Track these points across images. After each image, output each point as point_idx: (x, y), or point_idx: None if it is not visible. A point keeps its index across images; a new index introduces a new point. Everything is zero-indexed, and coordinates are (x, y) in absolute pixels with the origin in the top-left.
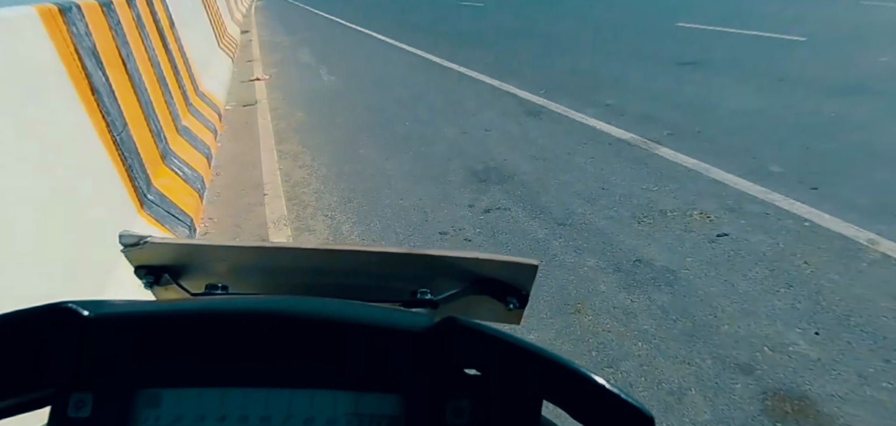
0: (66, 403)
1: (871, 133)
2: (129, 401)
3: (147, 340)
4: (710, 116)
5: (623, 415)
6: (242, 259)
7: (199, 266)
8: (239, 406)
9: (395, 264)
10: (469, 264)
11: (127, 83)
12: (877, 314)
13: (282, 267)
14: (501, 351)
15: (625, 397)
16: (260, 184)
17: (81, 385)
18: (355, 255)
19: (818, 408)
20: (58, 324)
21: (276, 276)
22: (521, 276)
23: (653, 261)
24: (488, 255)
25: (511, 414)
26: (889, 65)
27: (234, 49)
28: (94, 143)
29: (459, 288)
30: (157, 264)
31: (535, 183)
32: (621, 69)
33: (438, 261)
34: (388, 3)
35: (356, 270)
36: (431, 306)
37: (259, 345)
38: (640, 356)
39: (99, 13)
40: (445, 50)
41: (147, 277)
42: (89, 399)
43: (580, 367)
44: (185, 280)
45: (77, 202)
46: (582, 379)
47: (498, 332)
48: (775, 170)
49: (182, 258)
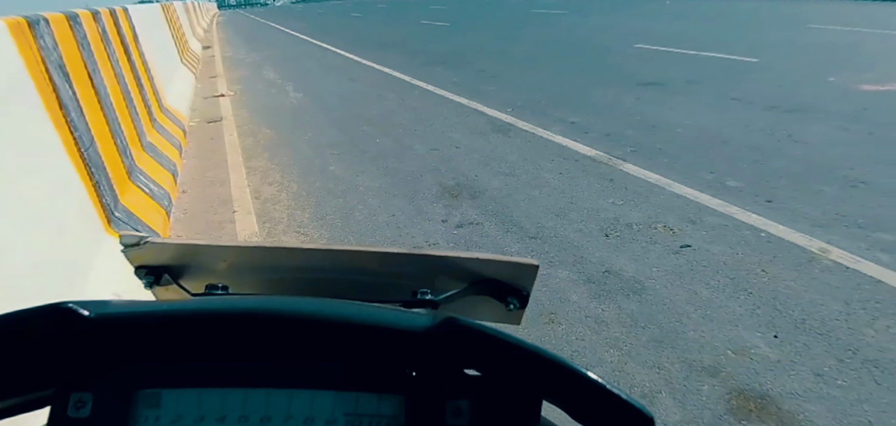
0: (66, 403)
1: (820, 149)
2: (129, 401)
3: (147, 340)
4: (670, 134)
5: (623, 415)
6: (242, 259)
7: (199, 266)
8: (239, 406)
9: (395, 264)
10: (469, 264)
11: (93, 98)
12: (830, 317)
13: (282, 267)
14: (501, 351)
15: (625, 397)
16: (229, 200)
17: (81, 385)
18: (355, 255)
19: (779, 406)
20: (58, 325)
21: (276, 276)
22: (521, 277)
23: (621, 271)
24: (489, 256)
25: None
26: (836, 85)
27: (196, 65)
28: (62, 159)
29: (460, 288)
30: (157, 264)
31: (505, 198)
32: (584, 89)
33: (439, 261)
34: (351, 22)
35: (356, 270)
36: (432, 306)
37: (259, 346)
38: (612, 362)
39: (66, 27)
40: (412, 68)
41: (147, 277)
42: (89, 399)
43: (580, 368)
44: (185, 280)
45: (44, 218)
46: (582, 379)
47: (498, 333)
48: (732, 184)
49: (182, 258)
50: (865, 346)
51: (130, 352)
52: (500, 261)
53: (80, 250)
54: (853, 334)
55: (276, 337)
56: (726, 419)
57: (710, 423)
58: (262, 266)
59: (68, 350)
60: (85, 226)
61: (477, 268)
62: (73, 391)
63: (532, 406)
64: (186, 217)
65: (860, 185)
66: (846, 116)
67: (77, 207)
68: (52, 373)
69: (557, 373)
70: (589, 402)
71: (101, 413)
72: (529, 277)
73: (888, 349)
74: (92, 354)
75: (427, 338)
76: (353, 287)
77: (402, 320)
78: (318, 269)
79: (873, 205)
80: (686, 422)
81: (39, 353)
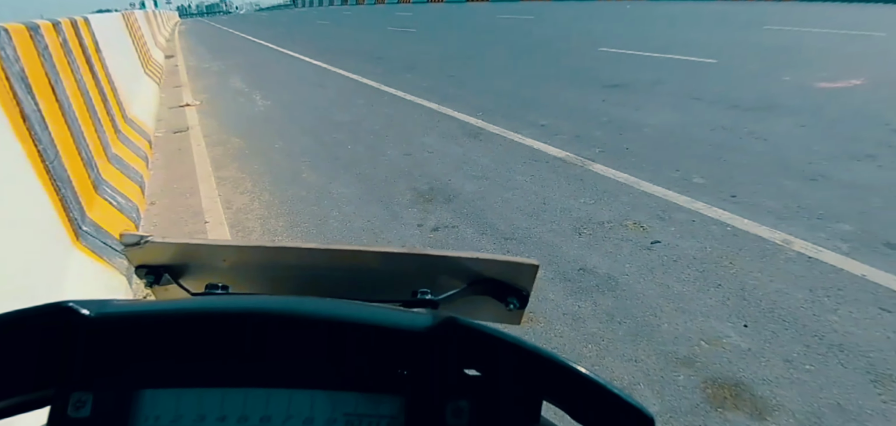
0: (65, 403)
1: (780, 145)
2: (129, 401)
3: (147, 340)
4: (637, 134)
5: (623, 415)
6: (242, 259)
7: (199, 266)
8: (239, 406)
9: (395, 264)
10: (469, 264)
11: (57, 110)
12: (795, 305)
13: (282, 266)
14: (501, 351)
15: (625, 398)
16: (199, 211)
17: (81, 384)
18: (355, 255)
19: (752, 392)
20: (58, 324)
21: (276, 276)
22: (521, 277)
23: (595, 269)
24: (489, 255)
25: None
26: (792, 83)
27: (159, 74)
28: (26, 173)
29: (459, 288)
30: (158, 264)
31: (479, 201)
32: (552, 92)
33: (438, 261)
34: (318, 30)
35: (356, 270)
36: (431, 306)
37: (259, 345)
38: (591, 357)
39: (26, 37)
40: (381, 75)
41: (147, 277)
42: (89, 399)
43: (580, 368)
44: (185, 280)
45: (9, 234)
46: (582, 379)
47: (498, 333)
48: (698, 181)
49: (182, 258)
50: (830, 332)
51: (131, 351)
52: (499, 261)
53: (48, 266)
54: (818, 321)
55: (277, 336)
56: (703, 407)
57: (688, 412)
58: (262, 265)
59: (68, 349)
60: (52, 242)
61: (477, 267)
62: (73, 391)
63: (532, 406)
64: (157, 230)
65: (819, 179)
66: (804, 113)
67: (43, 222)
68: (52, 372)
69: (557, 374)
70: (589, 402)
71: (100, 412)
72: (529, 277)
73: (852, 333)
74: (92, 354)
75: (427, 338)
76: (353, 286)
77: (402, 320)
78: (317, 269)
79: (832, 197)
80: (665, 412)
81: (39, 353)
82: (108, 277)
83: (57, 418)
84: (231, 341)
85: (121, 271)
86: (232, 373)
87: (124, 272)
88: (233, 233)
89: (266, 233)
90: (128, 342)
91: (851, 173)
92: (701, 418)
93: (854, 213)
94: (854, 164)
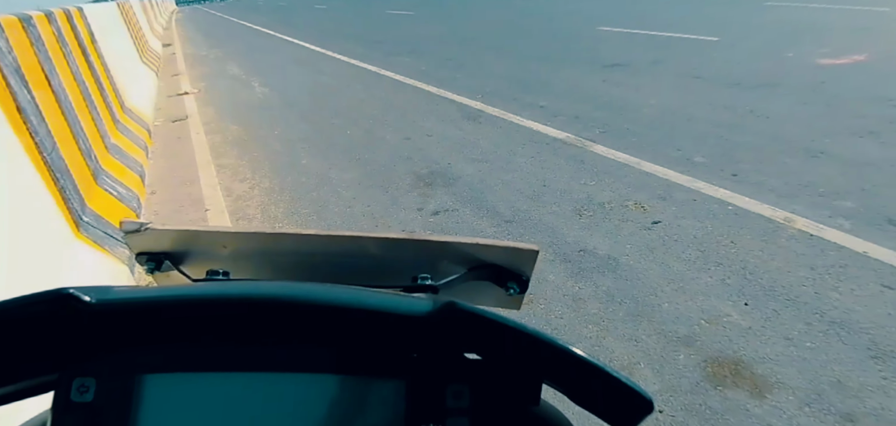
0: (69, 388)
1: (780, 124)
2: (132, 386)
3: (149, 326)
4: (637, 114)
5: (622, 398)
6: (243, 245)
7: (200, 252)
8: (240, 390)
9: (395, 249)
10: (469, 249)
11: (52, 101)
12: (797, 283)
13: (282, 252)
14: (501, 335)
15: (624, 380)
16: (200, 199)
17: (84, 370)
18: (356, 241)
19: (753, 371)
20: (61, 310)
21: (276, 262)
22: (521, 262)
23: (596, 250)
24: (489, 241)
25: (511, 398)
26: (794, 60)
27: (157, 63)
28: (24, 165)
29: (460, 273)
30: (159, 250)
31: (479, 184)
32: (551, 73)
33: (439, 247)
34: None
35: (357, 255)
36: (432, 291)
37: (260, 331)
38: (591, 338)
39: (19, 29)
40: (379, 58)
41: (148, 264)
42: (92, 384)
43: (580, 351)
44: (186, 266)
45: (9, 227)
46: (581, 362)
47: (498, 317)
48: (699, 160)
49: (183, 244)
50: (831, 309)
51: (133, 337)
52: (499, 247)
53: (50, 256)
54: (819, 298)
55: (277, 322)
56: (703, 386)
57: (688, 391)
58: (262, 251)
59: (71, 335)
60: (53, 233)
61: (477, 253)
62: (77, 376)
63: (532, 389)
64: (158, 218)
65: (820, 156)
66: (805, 90)
67: (43, 213)
68: (56, 358)
69: (557, 357)
70: (588, 385)
71: (103, 397)
72: (529, 262)
73: (853, 310)
74: (94, 339)
75: (428, 322)
76: (354, 272)
77: (402, 305)
78: (317, 255)
79: (833, 174)
80: (665, 390)
81: (42, 339)
82: (109, 266)
83: (60, 403)
84: (232, 326)
85: (122, 260)
86: (233, 357)
87: (126, 261)
88: (233, 220)
89: (266, 221)
90: (130, 328)
91: (853, 150)
92: (701, 396)
93: (856, 190)
94: (856, 140)
